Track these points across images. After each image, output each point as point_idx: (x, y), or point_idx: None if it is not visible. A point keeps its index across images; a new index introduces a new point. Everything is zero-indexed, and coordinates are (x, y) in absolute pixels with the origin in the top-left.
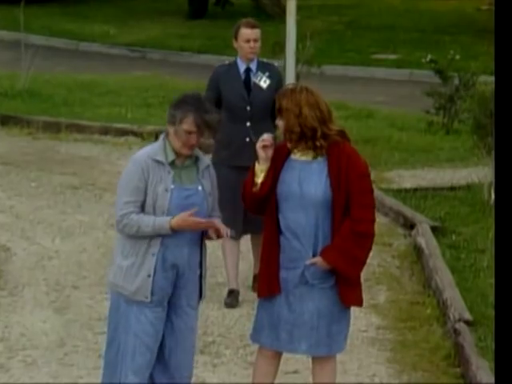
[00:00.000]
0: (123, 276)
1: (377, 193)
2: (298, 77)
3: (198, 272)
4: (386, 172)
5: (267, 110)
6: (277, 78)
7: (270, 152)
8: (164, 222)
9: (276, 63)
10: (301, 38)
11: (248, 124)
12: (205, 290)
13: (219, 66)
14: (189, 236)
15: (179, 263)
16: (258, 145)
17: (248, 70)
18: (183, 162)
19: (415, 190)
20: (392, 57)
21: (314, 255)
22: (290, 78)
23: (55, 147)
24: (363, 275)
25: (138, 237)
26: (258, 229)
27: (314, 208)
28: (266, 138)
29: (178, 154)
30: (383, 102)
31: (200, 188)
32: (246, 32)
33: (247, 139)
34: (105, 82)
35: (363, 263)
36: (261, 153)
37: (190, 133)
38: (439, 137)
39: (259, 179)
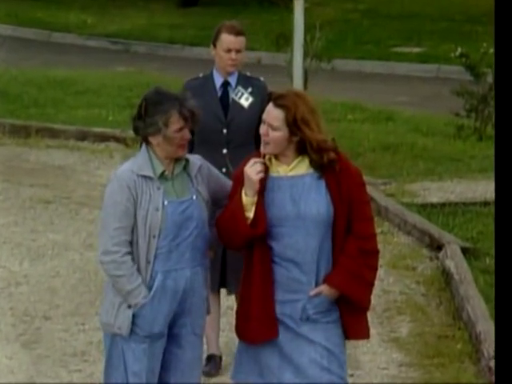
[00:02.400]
0: (115, 313)
1: (398, 208)
2: (305, 73)
3: (205, 293)
4: (409, 184)
5: (248, 133)
6: (261, 95)
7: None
8: (142, 295)
9: (265, 74)
10: (309, 28)
11: (224, 151)
12: (209, 307)
13: (191, 79)
14: (188, 255)
15: (181, 289)
16: (252, 175)
17: (226, 85)
18: (173, 170)
19: (443, 204)
20: (416, 50)
21: (317, 284)
22: (297, 75)
23: (24, 155)
24: (382, 304)
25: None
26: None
27: (316, 230)
28: (257, 166)
29: (167, 161)
30: (405, 102)
31: (195, 197)
32: (227, 39)
33: (223, 170)
34: (82, 80)
35: (373, 286)
36: (254, 184)
37: (180, 130)
38: (470, 143)
39: (251, 213)
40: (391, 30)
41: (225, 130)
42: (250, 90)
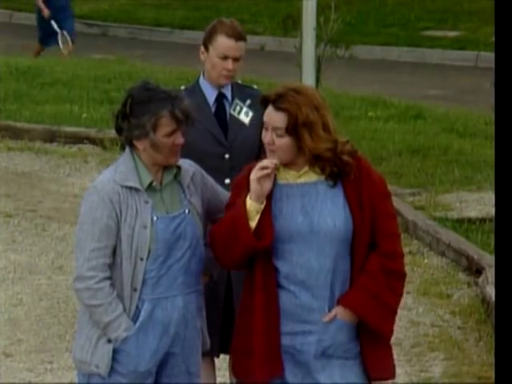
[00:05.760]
0: (93, 349)
1: (430, 224)
2: (319, 62)
3: (199, 324)
4: (442, 195)
5: (252, 156)
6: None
7: (269, 184)
8: (123, 327)
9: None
10: (323, 8)
11: (227, 181)
12: (207, 342)
13: None
14: (181, 280)
15: (173, 320)
16: (255, 175)
17: (221, 98)
18: (162, 179)
19: (483, 220)
20: (451, 34)
21: (330, 311)
22: (308, 64)
23: None
24: (411, 338)
25: (116, 293)
26: None
27: (331, 247)
28: (267, 162)
29: (155, 169)
30: (438, 96)
31: (187, 211)
32: (225, 44)
33: None
34: (50, 69)
35: (395, 313)
36: (256, 186)
37: (171, 134)
38: None
39: (254, 222)
40: (421, 11)
41: (227, 155)
42: (248, 102)
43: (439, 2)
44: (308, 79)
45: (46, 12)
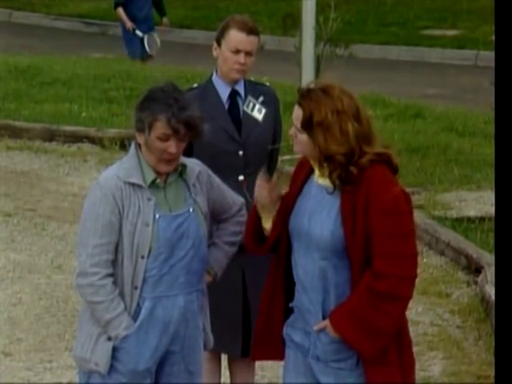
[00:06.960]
0: (93, 347)
1: (429, 223)
2: (318, 61)
3: (201, 323)
4: (442, 194)
5: (266, 153)
6: (274, 104)
7: (275, 194)
8: (124, 325)
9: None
10: (322, 7)
11: (241, 178)
12: (209, 340)
13: (185, 90)
14: (183, 280)
15: (173, 319)
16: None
17: (234, 95)
18: (166, 178)
19: (482, 219)
20: (450, 33)
21: (324, 318)
22: (307, 63)
23: None
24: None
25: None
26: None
27: (319, 254)
28: (263, 183)
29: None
30: (437, 95)
31: (191, 210)
32: (236, 37)
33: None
34: (49, 68)
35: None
36: (263, 199)
37: (165, 139)
38: None
39: (268, 224)
40: (420, 10)
41: (241, 152)
42: (261, 99)
43: (438, 0)
44: (307, 78)
45: (129, 24)
